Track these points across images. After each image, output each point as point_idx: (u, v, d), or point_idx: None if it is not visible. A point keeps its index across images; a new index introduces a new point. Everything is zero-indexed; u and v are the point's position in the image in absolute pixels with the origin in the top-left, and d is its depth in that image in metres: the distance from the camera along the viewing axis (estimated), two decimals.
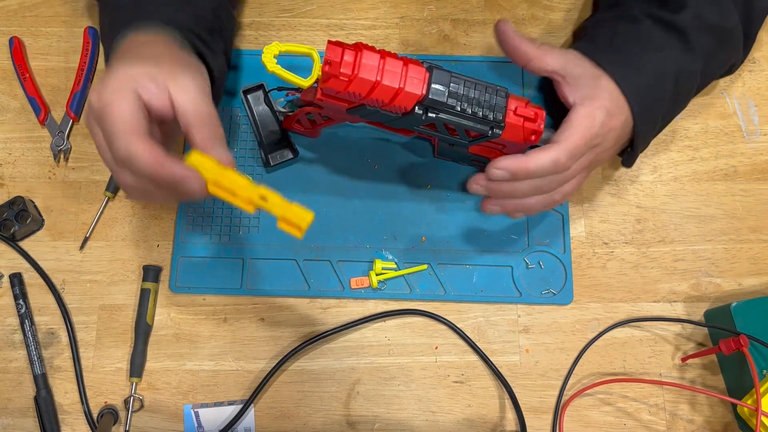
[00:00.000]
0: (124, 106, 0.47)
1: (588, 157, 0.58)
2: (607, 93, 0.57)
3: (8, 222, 0.66)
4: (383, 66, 0.53)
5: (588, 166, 0.59)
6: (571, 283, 0.66)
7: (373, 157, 0.69)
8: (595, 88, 0.57)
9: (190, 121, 0.49)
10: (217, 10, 0.61)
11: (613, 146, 0.59)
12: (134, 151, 0.46)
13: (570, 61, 0.59)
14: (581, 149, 0.56)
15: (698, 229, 0.68)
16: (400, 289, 0.66)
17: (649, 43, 0.59)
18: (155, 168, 0.46)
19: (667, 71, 0.59)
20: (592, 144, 0.56)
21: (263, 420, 0.63)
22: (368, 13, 0.75)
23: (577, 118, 0.56)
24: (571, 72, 0.58)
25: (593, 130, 0.56)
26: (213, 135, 0.49)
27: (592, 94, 0.57)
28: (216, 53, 0.59)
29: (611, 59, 0.58)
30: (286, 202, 0.49)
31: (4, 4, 0.75)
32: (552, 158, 0.55)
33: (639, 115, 0.58)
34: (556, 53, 0.59)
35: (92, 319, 0.65)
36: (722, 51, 0.62)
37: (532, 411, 0.63)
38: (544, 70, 0.59)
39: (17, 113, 0.72)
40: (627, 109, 0.58)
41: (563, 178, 0.57)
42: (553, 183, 0.57)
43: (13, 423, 0.63)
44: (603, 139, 0.57)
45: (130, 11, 0.56)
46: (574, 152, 0.55)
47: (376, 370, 0.64)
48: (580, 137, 0.55)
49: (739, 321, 0.61)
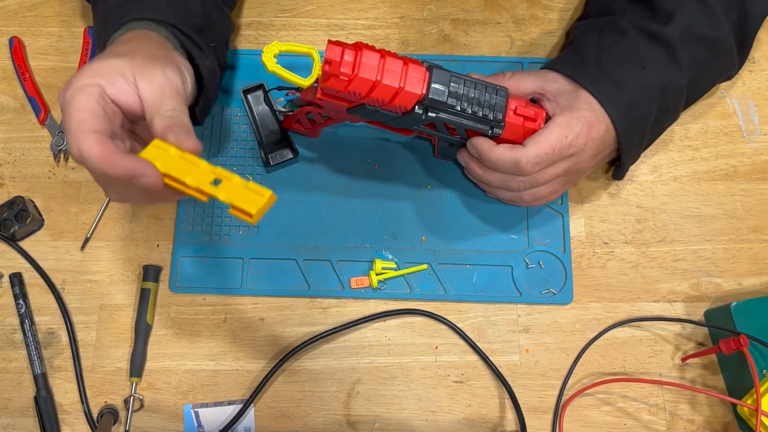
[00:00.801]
0: (82, 103, 0.46)
1: (563, 166, 0.58)
2: (586, 104, 0.58)
3: (8, 222, 0.66)
4: (383, 65, 0.53)
5: (564, 175, 0.59)
6: (571, 283, 0.66)
7: (373, 157, 0.69)
8: (574, 100, 0.58)
9: (149, 109, 0.48)
10: (207, 8, 0.61)
11: (594, 156, 0.59)
12: (84, 148, 0.45)
13: (546, 80, 0.60)
14: (548, 157, 0.56)
15: (698, 229, 0.68)
16: (400, 289, 0.66)
17: (636, 58, 0.59)
18: (105, 164, 0.45)
19: (653, 86, 0.59)
20: (565, 154, 0.57)
21: (263, 420, 0.63)
22: (368, 13, 0.75)
23: (551, 126, 0.57)
24: (548, 89, 0.59)
25: (566, 140, 0.56)
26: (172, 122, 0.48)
27: (571, 105, 0.58)
28: (205, 52, 0.58)
29: (594, 80, 0.58)
30: (242, 185, 0.46)
31: (4, 4, 0.75)
32: (513, 158, 0.56)
33: (623, 130, 0.58)
34: (531, 76, 0.60)
35: (92, 319, 0.65)
36: (713, 62, 0.62)
37: (532, 411, 0.63)
38: (524, 94, 0.60)
39: (17, 113, 0.72)
40: (608, 120, 0.58)
41: (532, 181, 0.58)
42: (521, 184, 0.59)
43: (13, 423, 0.63)
44: (580, 149, 0.57)
45: (119, 10, 0.56)
46: (538, 159, 0.56)
47: (376, 370, 0.64)
48: (548, 145, 0.56)
49: (739, 321, 0.60)
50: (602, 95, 0.58)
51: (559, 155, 0.57)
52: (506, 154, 0.57)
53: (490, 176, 0.60)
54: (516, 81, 0.60)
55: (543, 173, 0.58)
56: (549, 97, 0.59)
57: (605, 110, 0.57)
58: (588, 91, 0.58)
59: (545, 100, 0.59)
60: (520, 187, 0.59)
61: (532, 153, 0.56)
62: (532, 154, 0.56)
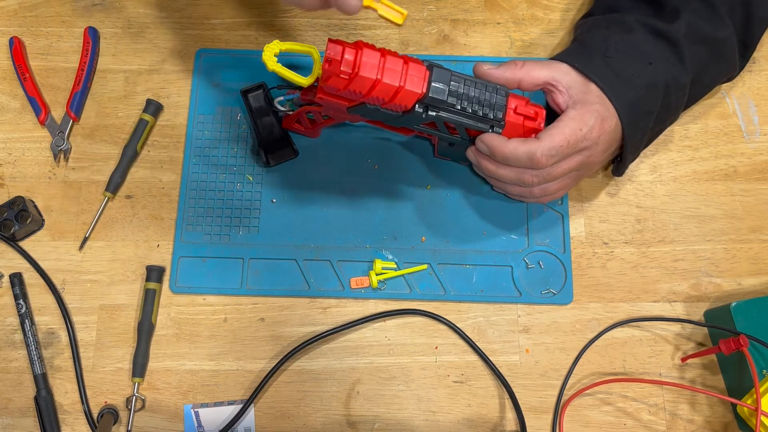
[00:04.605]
0: None
1: (576, 160, 0.58)
2: (598, 98, 0.58)
3: (8, 222, 0.66)
4: (383, 64, 0.53)
5: (577, 168, 0.59)
6: (571, 283, 0.66)
7: (373, 157, 0.69)
8: (586, 93, 0.58)
9: None
10: None
11: (605, 151, 0.59)
12: None
13: (558, 71, 0.59)
14: (563, 150, 0.56)
15: (698, 229, 0.68)
16: (400, 289, 0.66)
17: (642, 54, 0.59)
18: None
19: (658, 83, 0.59)
20: (579, 147, 0.57)
21: (263, 420, 0.63)
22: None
23: (565, 119, 0.57)
24: (560, 80, 0.59)
25: (580, 133, 0.56)
26: None
27: (584, 99, 0.58)
28: None
29: (602, 73, 0.58)
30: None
31: (4, 4, 0.75)
32: (528, 151, 0.56)
33: (628, 125, 0.58)
34: (543, 65, 0.60)
35: (92, 319, 0.65)
36: (715, 63, 0.62)
37: (532, 411, 0.63)
38: (535, 84, 0.59)
39: (17, 113, 0.72)
40: (616, 114, 0.58)
41: (546, 174, 0.58)
42: (535, 178, 0.58)
43: (13, 423, 0.63)
44: (594, 143, 0.57)
45: None
46: (554, 152, 0.56)
47: (376, 370, 0.64)
48: (563, 138, 0.56)
49: (739, 321, 0.60)
50: (610, 89, 0.58)
51: (573, 148, 0.56)
52: (521, 147, 0.56)
53: (503, 171, 0.59)
54: (528, 70, 0.59)
55: (557, 167, 0.57)
56: (561, 89, 0.59)
57: (613, 105, 0.58)
58: (597, 85, 0.58)
59: (557, 92, 0.59)
60: (534, 181, 0.58)
61: (546, 146, 0.55)
62: (547, 147, 0.55)
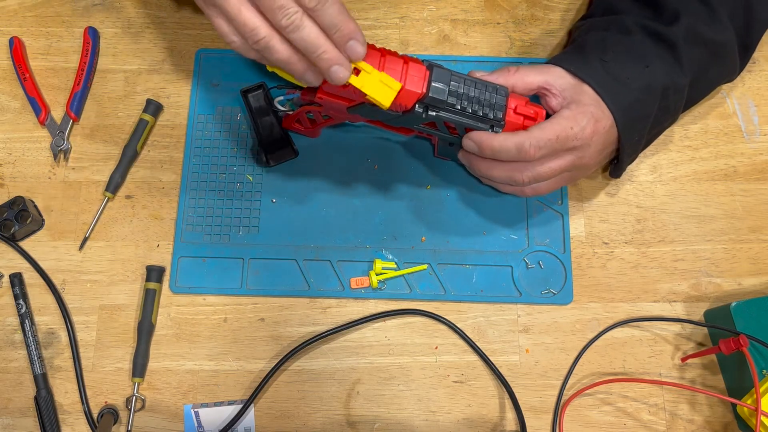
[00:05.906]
0: None
1: (568, 159, 0.58)
2: (592, 100, 0.58)
3: (8, 222, 0.66)
4: (383, 64, 0.53)
5: (569, 169, 0.59)
6: (571, 283, 0.66)
7: (373, 157, 0.69)
8: (580, 95, 0.58)
9: None
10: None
11: (600, 152, 0.59)
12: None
13: (552, 74, 0.59)
14: (551, 143, 0.56)
15: (698, 229, 0.68)
16: (400, 289, 0.66)
17: (640, 57, 0.59)
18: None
19: (655, 86, 0.59)
20: (569, 145, 0.57)
21: (263, 420, 0.63)
22: (368, 13, 0.75)
23: (557, 117, 0.57)
24: (554, 84, 0.59)
25: (571, 131, 0.56)
26: None
27: (578, 100, 0.58)
28: None
29: (597, 76, 0.58)
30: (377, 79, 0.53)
31: (4, 4, 0.75)
32: (517, 142, 0.56)
33: (624, 128, 0.58)
34: (536, 70, 0.60)
35: (92, 319, 0.65)
36: (714, 65, 0.62)
37: (532, 411, 0.63)
38: (529, 89, 0.60)
39: (17, 113, 0.72)
40: (611, 117, 0.58)
41: (536, 173, 0.58)
42: (526, 176, 0.58)
43: (13, 423, 0.63)
44: (586, 143, 0.57)
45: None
46: (542, 143, 0.56)
47: (376, 370, 0.64)
48: (552, 132, 0.56)
49: (739, 321, 0.61)
50: (606, 92, 0.58)
51: (563, 145, 0.56)
52: (510, 138, 0.56)
53: (495, 171, 0.60)
54: (521, 75, 0.59)
55: (547, 165, 0.57)
56: (555, 93, 0.59)
57: (608, 107, 0.58)
58: (592, 88, 0.58)
59: (551, 95, 0.59)
60: (524, 179, 0.58)
61: (536, 136, 0.56)
62: (535, 138, 0.55)
